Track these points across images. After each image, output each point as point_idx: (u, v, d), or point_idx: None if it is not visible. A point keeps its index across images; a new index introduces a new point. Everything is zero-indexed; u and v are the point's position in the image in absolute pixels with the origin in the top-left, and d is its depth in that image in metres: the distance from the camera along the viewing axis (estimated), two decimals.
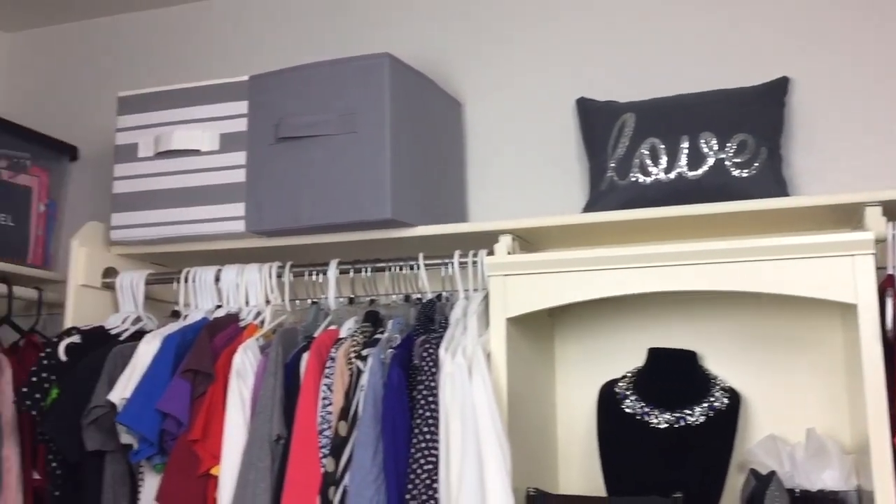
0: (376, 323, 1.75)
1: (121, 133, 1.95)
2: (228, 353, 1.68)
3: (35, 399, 1.72)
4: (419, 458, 1.49)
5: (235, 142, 1.86)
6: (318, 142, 1.78)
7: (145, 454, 1.64)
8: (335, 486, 1.54)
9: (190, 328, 1.77)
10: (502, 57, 2.11)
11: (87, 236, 1.96)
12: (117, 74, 2.41)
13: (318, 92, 1.80)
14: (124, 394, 1.65)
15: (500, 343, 1.60)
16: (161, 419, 1.63)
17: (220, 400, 1.65)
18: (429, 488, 1.47)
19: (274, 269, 1.85)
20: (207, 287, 1.88)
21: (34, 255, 2.15)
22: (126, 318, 1.91)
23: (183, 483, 1.60)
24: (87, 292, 1.94)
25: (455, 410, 1.51)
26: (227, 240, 1.89)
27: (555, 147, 2.03)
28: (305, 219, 1.78)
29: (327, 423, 1.60)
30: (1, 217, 2.08)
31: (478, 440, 1.47)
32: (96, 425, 1.67)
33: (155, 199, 1.89)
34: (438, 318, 1.71)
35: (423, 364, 1.57)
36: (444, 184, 1.97)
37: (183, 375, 1.65)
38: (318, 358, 1.65)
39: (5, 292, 2.03)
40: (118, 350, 1.75)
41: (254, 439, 1.59)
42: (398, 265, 1.78)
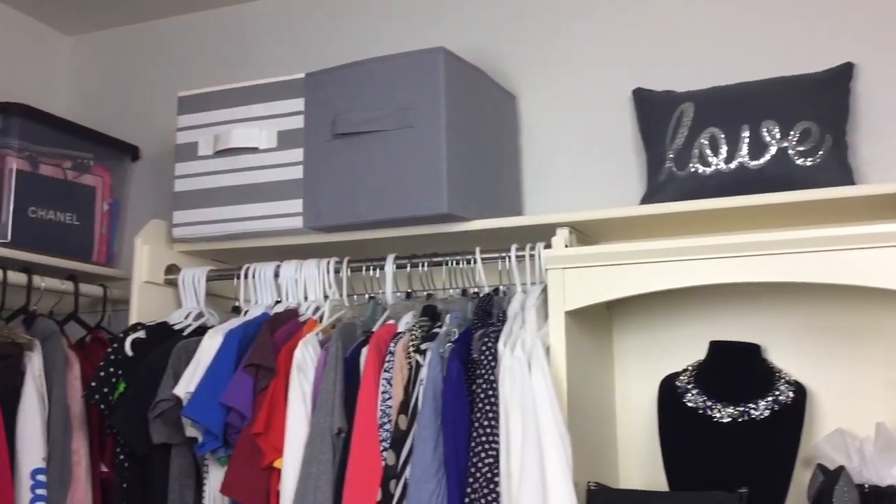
0: (434, 317, 1.76)
1: (181, 132, 1.98)
2: (289, 347, 1.70)
3: (103, 393, 1.77)
4: (480, 451, 1.49)
5: (293, 139, 1.88)
6: (375, 137, 1.79)
7: (210, 447, 1.67)
8: (396, 480, 1.55)
9: (251, 323, 1.79)
10: (556, 48, 2.10)
11: (149, 234, 2.00)
12: (176, 75, 2.46)
13: (374, 88, 1.81)
14: (189, 388, 1.68)
15: (559, 336, 1.59)
16: (225, 413, 1.66)
17: (281, 394, 1.67)
18: (490, 482, 1.47)
19: (332, 265, 1.86)
20: (267, 283, 1.90)
21: (98, 253, 2.21)
22: (188, 313, 1.94)
23: (247, 475, 1.62)
24: (150, 289, 1.99)
25: (515, 404, 1.51)
26: (286, 236, 1.91)
27: (611, 138, 2.01)
28: (362, 214, 1.80)
29: (387, 416, 1.61)
30: (67, 216, 2.13)
31: (538, 434, 1.47)
32: (162, 419, 1.71)
33: (215, 197, 1.92)
34: (496, 311, 1.71)
35: (482, 358, 1.57)
36: (499, 177, 1.96)
37: (246, 370, 1.68)
38: (378, 352, 1.66)
39: (72, 290, 2.08)
40: (182, 345, 1.78)
41: (315, 433, 1.61)
42: (455, 259, 1.78)
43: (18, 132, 2.04)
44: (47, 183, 2.09)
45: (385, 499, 1.54)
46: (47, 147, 2.11)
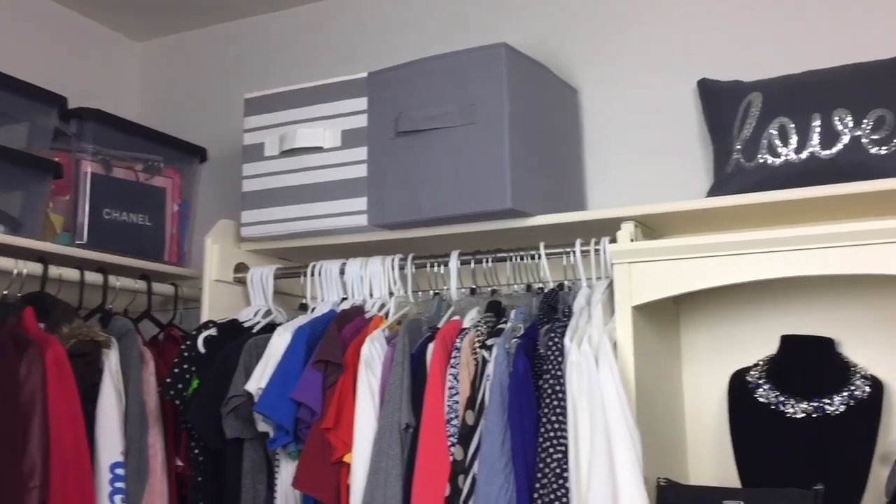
0: (499, 313, 1.76)
1: (248, 133, 2.02)
2: (356, 344, 1.72)
3: (178, 389, 1.82)
4: (548, 447, 1.49)
5: (356, 138, 1.90)
6: (438, 134, 1.80)
7: (281, 442, 1.70)
8: (464, 475, 1.56)
9: (319, 320, 1.82)
10: (618, 40, 2.08)
11: (219, 234, 2.05)
12: (242, 77, 2.50)
13: (436, 85, 1.82)
14: (260, 384, 1.72)
15: (627, 331, 1.58)
16: (295, 408, 1.69)
17: (350, 389, 1.69)
18: (559, 477, 1.47)
19: (396, 262, 1.88)
20: (333, 280, 1.93)
21: (169, 252, 2.26)
22: (257, 311, 1.98)
23: (318, 469, 1.65)
24: (220, 287, 2.03)
25: (583, 400, 1.50)
26: (350, 234, 1.93)
27: (675, 130, 1.99)
28: (426, 211, 1.81)
29: (454, 412, 1.62)
30: (139, 217, 2.19)
31: (607, 429, 1.46)
32: (235, 414, 1.75)
33: (281, 196, 1.96)
34: (561, 307, 1.70)
35: (549, 353, 1.57)
36: (562, 172, 1.96)
37: (315, 366, 1.70)
38: (444, 348, 1.67)
39: (145, 289, 2.14)
40: (252, 342, 1.82)
41: (384, 428, 1.63)
42: (519, 255, 1.78)
43: (92, 136, 2.10)
44: (120, 185, 2.15)
45: (454, 493, 1.55)
46: (119, 150, 2.17)
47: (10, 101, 1.98)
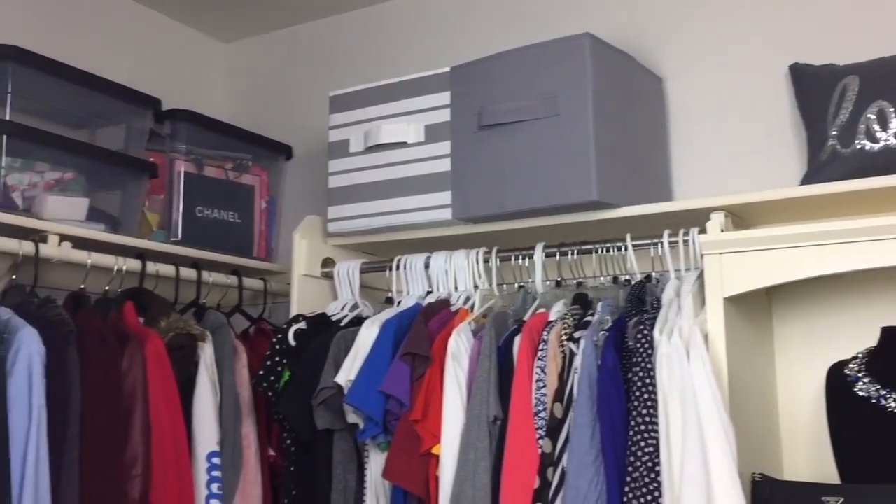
0: (585, 305, 1.75)
1: (333, 130, 2.06)
2: (443, 336, 1.74)
3: (270, 381, 1.86)
4: (639, 440, 1.48)
5: (440, 132, 1.91)
6: (521, 127, 1.80)
7: (371, 433, 1.73)
8: (553, 467, 1.56)
9: (405, 314, 1.84)
10: (704, 26, 2.03)
11: (306, 229, 2.09)
12: (325, 75, 2.55)
13: (519, 77, 1.81)
14: (349, 376, 1.75)
15: (718, 323, 1.55)
16: (384, 400, 1.71)
17: (437, 382, 1.71)
18: (650, 471, 1.45)
19: (481, 255, 1.89)
20: (418, 274, 1.95)
21: (258, 248, 2.32)
22: (344, 304, 2.02)
23: (407, 461, 1.67)
24: (308, 281, 2.08)
25: (674, 393, 1.48)
26: (435, 228, 1.95)
27: (765, 118, 1.93)
28: (510, 204, 1.81)
29: (542, 404, 1.62)
30: (229, 215, 2.25)
31: (700, 423, 1.44)
32: (325, 406, 1.78)
33: (366, 192, 1.99)
34: (649, 299, 1.68)
35: (638, 346, 1.55)
36: (647, 162, 1.93)
37: (403, 358, 1.73)
38: (531, 341, 1.67)
39: (236, 284, 2.20)
40: (341, 335, 1.86)
41: (472, 420, 1.64)
42: (605, 247, 1.77)
43: (185, 137, 2.17)
44: (211, 183, 2.22)
45: (543, 486, 1.56)
46: (210, 150, 2.23)
47: (109, 104, 2.07)
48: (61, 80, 1.95)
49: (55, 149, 1.90)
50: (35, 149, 1.86)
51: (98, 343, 1.72)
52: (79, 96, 2.02)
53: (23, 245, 1.74)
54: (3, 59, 1.83)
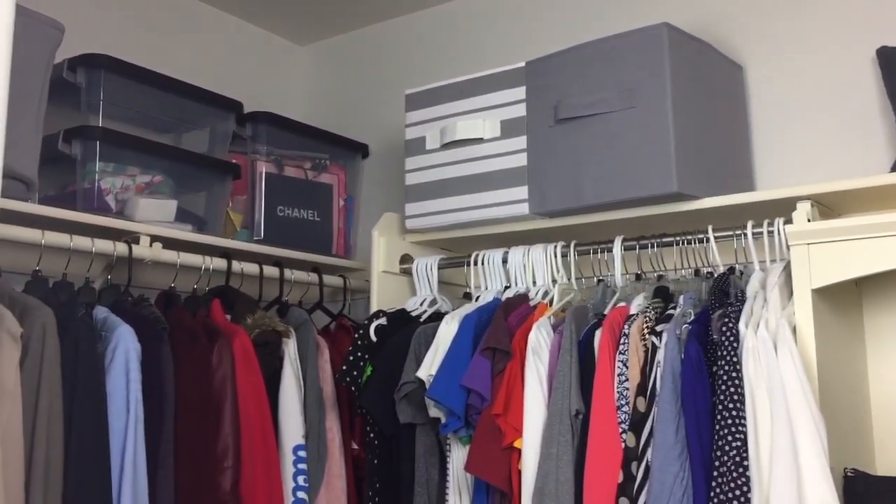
0: (667, 299, 1.73)
1: (409, 128, 2.08)
2: (523, 331, 1.74)
3: (353, 376, 1.90)
4: (726, 434, 1.46)
5: (516, 127, 1.92)
6: (598, 120, 1.79)
7: (453, 427, 1.75)
8: (637, 462, 1.55)
9: (484, 309, 1.86)
10: (784, 12, 1.99)
11: (384, 226, 2.12)
12: (399, 74, 2.58)
13: (595, 70, 1.80)
14: (431, 371, 1.77)
15: (807, 316, 1.52)
16: (465, 394, 1.73)
17: (518, 376, 1.71)
18: (739, 466, 1.43)
19: (559, 249, 1.89)
20: (496, 269, 1.96)
21: (337, 246, 2.37)
22: (423, 300, 2.04)
23: (489, 454, 1.69)
24: (387, 278, 2.11)
25: (761, 386, 1.46)
26: (512, 223, 1.95)
27: (851, 104, 1.88)
28: (588, 198, 1.80)
29: (624, 398, 1.61)
30: (309, 213, 2.30)
31: (789, 417, 1.41)
32: (407, 400, 1.81)
33: (444, 188, 2.00)
34: (733, 291, 1.65)
35: (723, 339, 1.53)
36: (728, 152, 1.89)
37: (483, 353, 1.74)
38: (612, 334, 1.66)
39: (317, 281, 2.25)
40: (421, 330, 1.88)
41: (554, 414, 1.64)
42: (686, 238, 1.75)
43: (265, 138, 2.23)
44: (291, 183, 2.27)
45: (626, 480, 1.55)
46: (289, 150, 2.29)
47: (193, 108, 2.14)
48: (149, 87, 2.02)
49: (145, 153, 1.98)
50: (126, 153, 1.93)
51: (189, 339, 1.78)
52: (165, 102, 2.09)
53: (117, 246, 1.82)
54: (95, 68, 1.91)
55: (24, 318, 1.52)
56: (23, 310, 1.54)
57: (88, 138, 1.87)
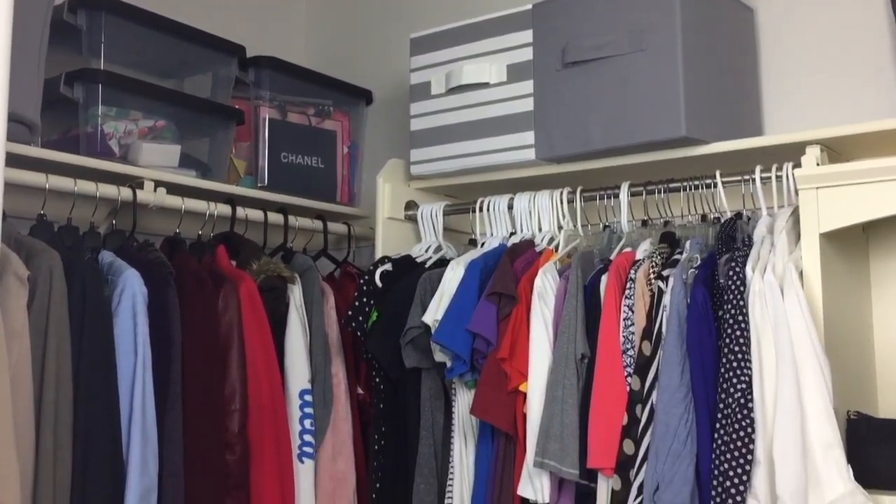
0: (673, 244, 1.73)
1: (414, 73, 2.06)
2: (529, 276, 1.74)
3: (359, 321, 1.91)
4: (731, 377, 1.47)
5: (522, 71, 1.89)
6: (606, 63, 1.77)
7: (458, 371, 1.76)
8: (642, 404, 1.56)
9: (490, 254, 1.85)
10: None
11: (389, 173, 2.11)
12: (403, 18, 2.53)
13: (604, 12, 1.78)
14: (436, 316, 1.78)
15: (814, 260, 1.52)
16: (471, 339, 1.74)
17: (524, 321, 1.72)
18: (743, 407, 1.44)
19: (565, 195, 1.88)
20: (501, 215, 1.95)
21: (341, 193, 2.35)
22: (428, 247, 2.04)
23: (494, 398, 1.70)
24: (392, 224, 2.11)
25: (767, 330, 1.46)
26: (519, 168, 1.94)
27: (862, 47, 1.85)
28: (596, 142, 1.79)
29: (630, 343, 1.62)
30: (313, 160, 2.28)
31: (794, 360, 1.42)
32: (413, 345, 1.82)
33: (449, 134, 1.99)
34: (740, 236, 1.65)
35: (729, 283, 1.53)
36: (737, 97, 1.88)
37: (489, 298, 1.74)
38: (618, 279, 1.66)
39: (321, 228, 2.24)
40: (426, 276, 1.88)
41: (559, 358, 1.65)
42: (693, 184, 1.74)
43: (268, 83, 2.20)
44: (295, 129, 2.25)
45: (631, 422, 1.56)
46: (293, 96, 2.26)
47: (195, 53, 2.11)
48: (150, 30, 1.99)
49: (147, 97, 1.96)
50: (128, 98, 1.91)
51: (195, 284, 1.78)
52: (167, 45, 2.06)
53: (121, 191, 1.81)
54: (96, 10, 1.88)
55: (30, 261, 1.52)
56: (29, 253, 1.54)
57: (90, 81, 1.85)
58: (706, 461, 1.48)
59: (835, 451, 1.39)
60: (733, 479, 1.42)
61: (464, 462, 1.79)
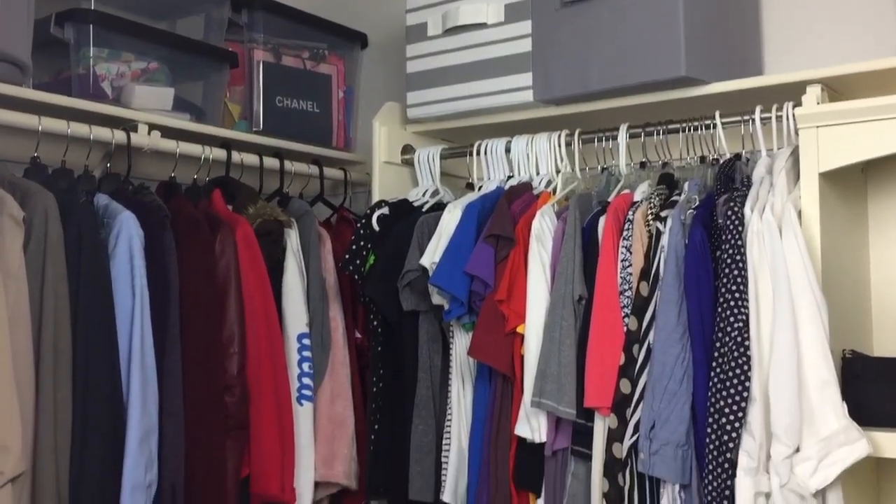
0: (672, 186, 1.72)
1: (410, 14, 2.03)
2: (527, 218, 1.74)
3: (356, 265, 1.90)
4: (728, 316, 1.47)
5: (520, 11, 1.87)
6: (605, 2, 1.74)
7: (456, 313, 1.76)
8: (639, 344, 1.57)
9: (488, 197, 1.85)
10: None
11: (385, 116, 2.09)
12: None
13: None
14: (434, 258, 1.78)
15: (813, 200, 1.51)
16: (469, 281, 1.74)
17: (521, 263, 1.72)
18: (739, 346, 1.45)
19: (563, 137, 1.86)
20: (499, 158, 1.94)
21: (337, 138, 2.33)
22: (425, 191, 2.03)
23: (492, 339, 1.71)
24: (388, 169, 2.09)
25: (764, 269, 1.46)
26: (516, 111, 1.92)
27: None
28: (594, 83, 1.77)
29: (627, 283, 1.62)
30: (308, 104, 2.26)
31: (791, 299, 1.43)
32: (410, 288, 1.82)
33: (446, 76, 1.97)
34: (739, 177, 1.64)
35: (727, 223, 1.53)
36: (737, 36, 1.85)
37: (486, 240, 1.74)
38: (616, 221, 1.66)
39: (317, 173, 2.22)
40: (424, 219, 1.88)
41: (557, 299, 1.65)
42: (692, 125, 1.72)
43: (262, 26, 2.16)
44: (289, 73, 2.22)
45: (628, 362, 1.57)
46: (287, 39, 2.22)
47: None
48: None
49: (140, 39, 1.92)
50: (120, 39, 1.88)
51: (191, 228, 1.77)
52: None
53: (115, 134, 1.79)
54: None
55: (25, 203, 1.51)
56: (24, 194, 1.53)
57: (81, 21, 1.82)
58: (702, 400, 1.49)
59: (830, 389, 1.40)
60: (729, 416, 1.43)
61: (461, 403, 1.80)
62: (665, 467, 1.49)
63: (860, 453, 1.38)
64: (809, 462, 1.38)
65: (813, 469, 1.38)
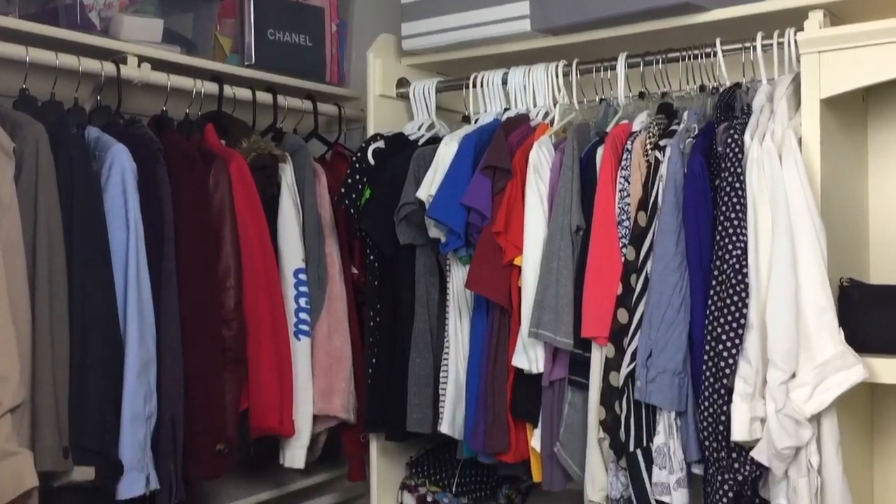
0: (671, 115, 1.70)
1: None
2: (524, 149, 1.72)
3: (352, 198, 1.89)
4: (726, 244, 1.47)
5: None
6: None
7: (453, 246, 1.76)
8: (637, 274, 1.57)
9: (485, 129, 1.82)
10: None
11: (380, 48, 2.05)
12: None
13: None
14: (430, 191, 1.76)
15: (813, 126, 1.50)
16: (466, 213, 1.72)
17: (518, 194, 1.71)
18: (738, 273, 1.44)
19: (560, 68, 1.83)
20: (495, 90, 1.91)
21: (331, 73, 2.29)
22: (421, 125, 2.01)
23: (489, 271, 1.70)
24: (383, 102, 2.06)
25: (763, 197, 1.46)
26: (513, 41, 1.89)
27: None
28: (592, 11, 1.74)
29: (625, 214, 1.61)
30: (300, 38, 2.21)
31: (790, 226, 1.42)
32: (407, 221, 1.81)
33: (441, 5, 1.93)
34: (739, 105, 1.62)
35: (727, 151, 1.51)
36: None
37: (483, 172, 1.72)
38: (614, 151, 1.64)
39: (311, 109, 2.19)
40: (420, 152, 1.86)
41: (554, 230, 1.64)
42: (692, 54, 1.69)
43: None
44: (282, 5, 2.17)
45: (626, 292, 1.57)
46: None
47: None
48: None
49: None
50: None
51: (184, 162, 1.75)
52: None
53: (105, 66, 1.75)
54: None
55: (15, 134, 1.48)
56: (13, 125, 1.50)
57: None
58: (699, 328, 1.50)
59: (827, 315, 1.40)
60: (725, 343, 1.43)
61: (458, 336, 1.80)
62: (661, 395, 1.50)
63: (856, 378, 1.39)
64: (805, 387, 1.39)
65: (809, 394, 1.39)
